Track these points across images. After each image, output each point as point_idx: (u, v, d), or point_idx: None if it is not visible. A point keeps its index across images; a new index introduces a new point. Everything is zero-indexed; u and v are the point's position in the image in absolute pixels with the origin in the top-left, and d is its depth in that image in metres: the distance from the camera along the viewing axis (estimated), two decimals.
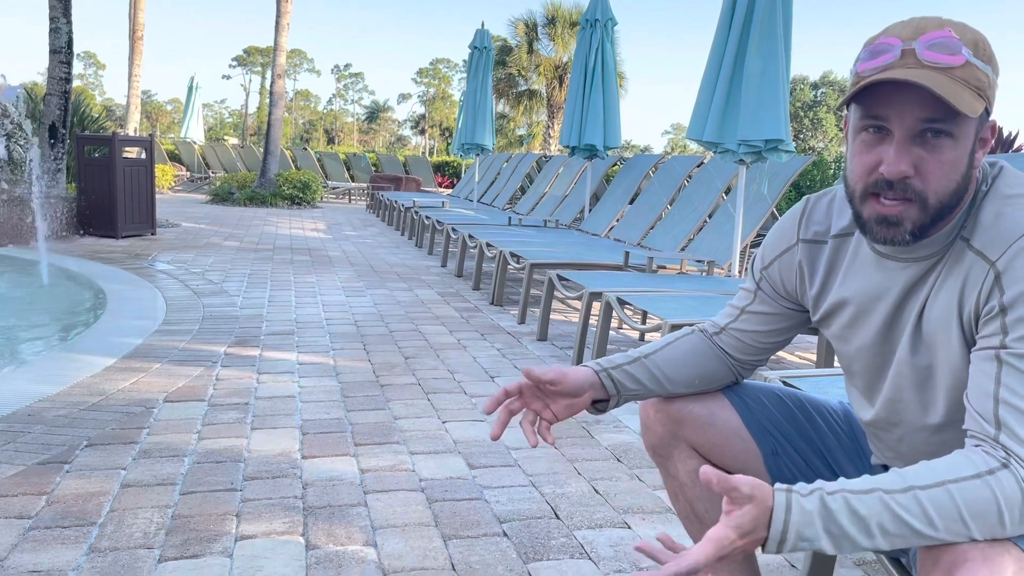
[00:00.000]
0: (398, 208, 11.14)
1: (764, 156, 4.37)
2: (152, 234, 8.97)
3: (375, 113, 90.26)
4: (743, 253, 5.62)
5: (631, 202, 7.28)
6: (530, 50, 29.34)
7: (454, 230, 7.07)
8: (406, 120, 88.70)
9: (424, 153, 64.08)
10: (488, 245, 5.83)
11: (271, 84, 15.82)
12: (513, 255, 5.32)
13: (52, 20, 8.98)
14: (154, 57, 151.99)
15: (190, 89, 22.71)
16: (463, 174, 16.19)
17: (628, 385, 1.36)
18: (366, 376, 3.56)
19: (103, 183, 8.43)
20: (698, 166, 6.57)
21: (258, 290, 5.62)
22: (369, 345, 4.14)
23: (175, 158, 22.90)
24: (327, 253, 8.07)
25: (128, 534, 1.98)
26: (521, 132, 38.24)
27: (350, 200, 18.58)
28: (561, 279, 4.41)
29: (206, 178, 20.97)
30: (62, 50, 9.02)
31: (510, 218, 8.11)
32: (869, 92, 1.04)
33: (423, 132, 78.10)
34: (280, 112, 15.81)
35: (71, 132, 9.58)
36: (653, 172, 7.48)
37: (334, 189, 18.81)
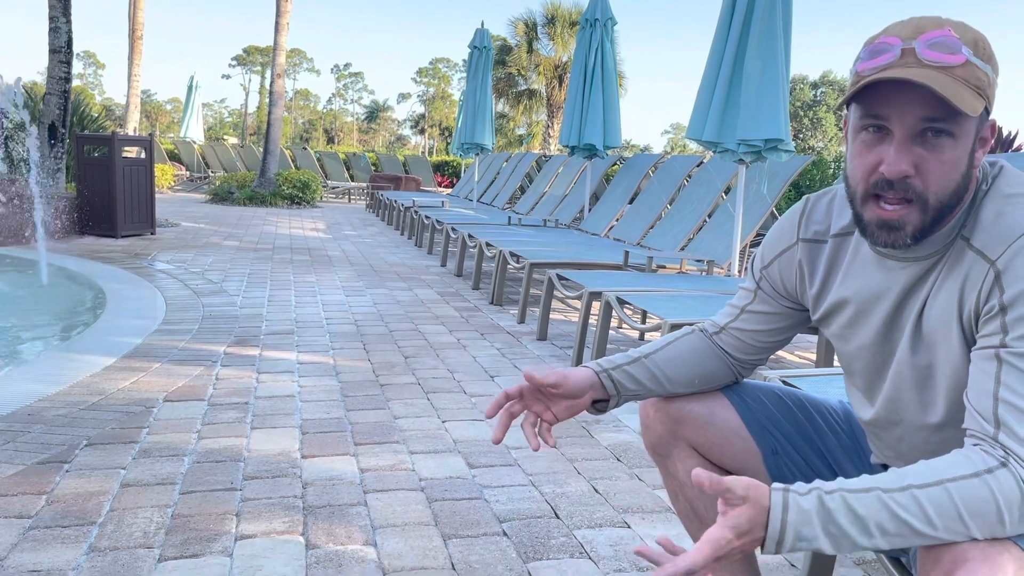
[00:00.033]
0: (398, 208, 11.13)
1: (764, 156, 4.37)
2: (152, 234, 8.97)
3: (375, 113, 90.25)
4: (743, 253, 5.62)
5: (631, 202, 7.28)
6: (530, 50, 29.35)
7: (454, 230, 7.07)
8: (406, 120, 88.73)
9: (424, 153, 64.13)
10: (488, 245, 5.83)
11: (271, 83, 15.81)
12: (513, 255, 5.32)
13: (52, 20, 8.98)
14: (154, 57, 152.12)
15: (190, 88, 22.71)
16: (463, 174, 16.18)
17: (628, 385, 1.37)
18: (366, 375, 3.56)
19: (102, 183, 8.43)
20: (698, 166, 6.57)
21: (258, 290, 5.62)
22: (369, 345, 4.14)
23: (175, 158, 22.90)
24: (327, 253, 8.07)
25: (128, 533, 1.98)
26: (521, 132, 38.25)
27: (350, 200, 18.58)
28: (561, 279, 4.41)
29: (205, 178, 20.97)
30: (62, 50, 9.02)
31: (510, 218, 8.11)
32: (869, 91, 1.04)
33: (423, 132, 78.09)
34: (280, 112, 15.81)
35: (70, 132, 9.57)
36: (653, 172, 7.48)
37: (334, 189, 18.81)
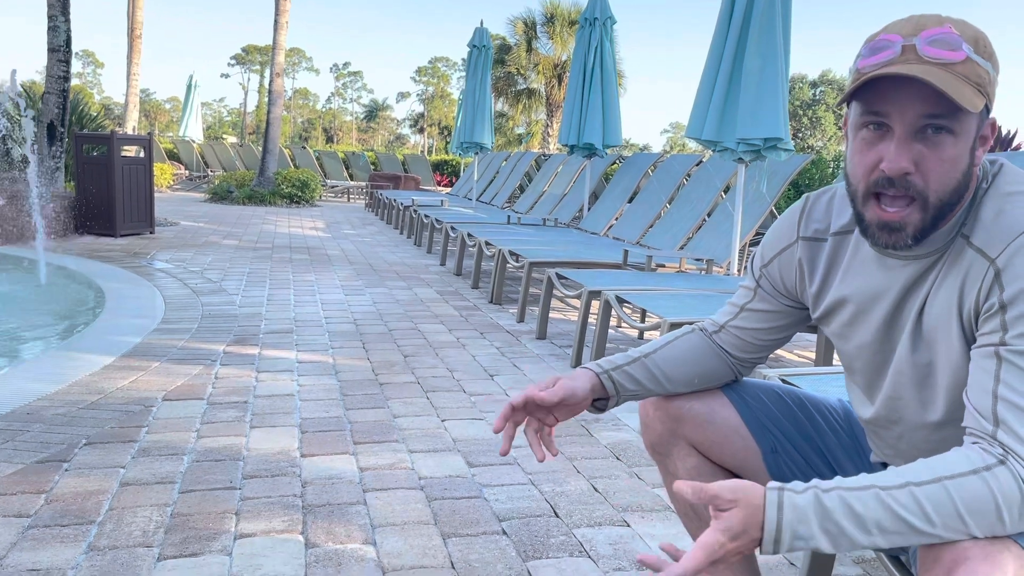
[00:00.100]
0: (397, 207, 11.13)
1: (763, 155, 4.36)
2: (151, 233, 8.97)
3: (374, 112, 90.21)
4: (742, 252, 5.62)
5: (630, 201, 7.28)
6: (529, 49, 29.32)
7: (453, 229, 7.07)
8: (405, 119, 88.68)
9: (423, 152, 64.09)
10: (487, 244, 5.83)
11: (270, 83, 15.81)
12: (512, 253, 5.32)
13: (50, 19, 8.97)
14: (153, 56, 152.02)
15: (189, 88, 22.69)
16: (462, 173, 16.17)
17: (627, 386, 1.37)
18: (365, 374, 3.55)
19: (101, 182, 8.43)
20: (697, 165, 6.57)
21: (257, 289, 5.62)
22: (368, 343, 4.14)
23: (174, 157, 22.89)
24: (326, 252, 8.06)
25: (127, 532, 1.98)
26: (520, 131, 38.23)
27: (349, 199, 18.57)
28: (560, 277, 4.41)
29: (205, 177, 20.96)
30: (60, 49, 9.01)
31: (509, 216, 8.11)
32: (870, 88, 1.04)
33: (422, 131, 78.08)
34: (279, 111, 15.81)
35: (69, 131, 9.57)
36: (652, 171, 7.48)
37: (333, 188, 18.81)
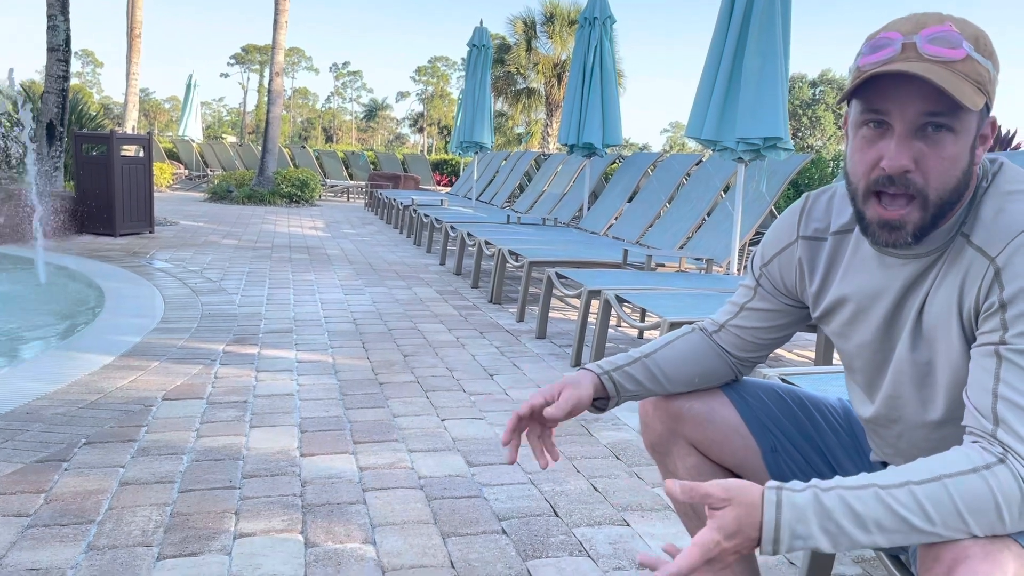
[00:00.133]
0: (396, 206, 11.13)
1: (763, 154, 4.36)
2: (150, 232, 8.96)
3: (373, 111, 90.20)
4: (742, 251, 5.62)
5: (630, 200, 7.28)
6: (528, 48, 29.33)
7: (453, 228, 7.07)
8: (404, 118, 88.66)
9: (422, 151, 64.07)
10: (487, 243, 5.83)
11: (269, 82, 15.80)
12: (512, 253, 5.32)
13: (50, 18, 8.97)
14: (152, 55, 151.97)
15: (188, 87, 22.68)
16: (462, 172, 16.17)
17: (628, 386, 1.37)
18: (365, 374, 3.55)
19: (101, 181, 8.42)
20: (697, 164, 6.57)
21: (256, 288, 5.62)
22: (368, 343, 4.14)
23: (173, 156, 22.88)
24: (325, 251, 8.06)
25: (127, 532, 1.98)
26: (520, 130, 38.21)
27: (348, 198, 18.57)
28: (560, 277, 4.41)
29: (204, 176, 20.95)
30: (60, 48, 9.01)
31: (509, 216, 8.11)
32: (870, 86, 1.04)
33: (421, 130, 78.08)
34: (278, 110, 15.80)
35: (69, 130, 9.57)
36: (652, 170, 7.47)
37: (332, 187, 18.80)
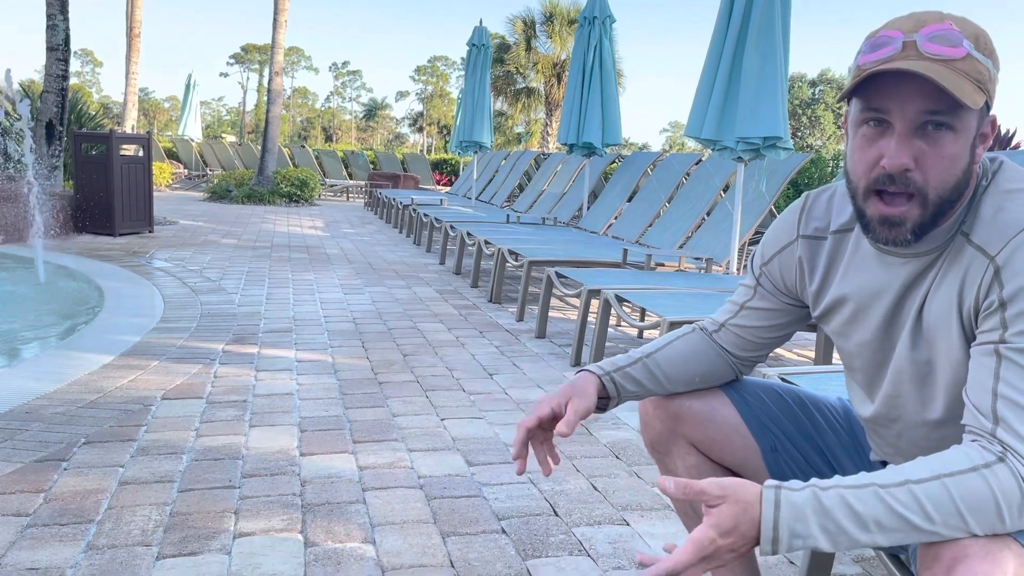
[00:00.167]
0: (396, 206, 11.12)
1: (762, 153, 4.36)
2: (150, 232, 8.96)
3: (373, 111, 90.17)
4: (741, 250, 5.62)
5: (629, 200, 7.27)
6: (528, 48, 29.32)
7: (452, 228, 7.07)
8: (404, 118, 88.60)
9: (422, 151, 64.07)
10: (486, 243, 5.83)
11: (269, 81, 15.80)
12: (511, 252, 5.32)
13: (49, 17, 8.97)
14: (152, 55, 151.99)
15: (188, 87, 22.67)
16: (461, 172, 16.17)
17: (628, 387, 1.37)
18: (364, 373, 3.55)
19: (100, 181, 8.42)
20: (696, 163, 6.56)
21: (256, 288, 5.62)
22: (367, 342, 4.14)
23: (173, 156, 22.87)
24: (325, 251, 8.06)
25: (126, 532, 1.98)
26: (519, 130, 38.20)
27: (348, 198, 18.57)
28: (559, 276, 4.41)
29: (204, 176, 20.94)
30: (59, 47, 9.00)
31: (508, 215, 8.10)
32: (870, 84, 1.04)
33: (421, 130, 78.04)
34: (278, 110, 15.80)
35: (68, 130, 9.57)
36: (651, 170, 7.47)
37: (332, 187, 18.80)
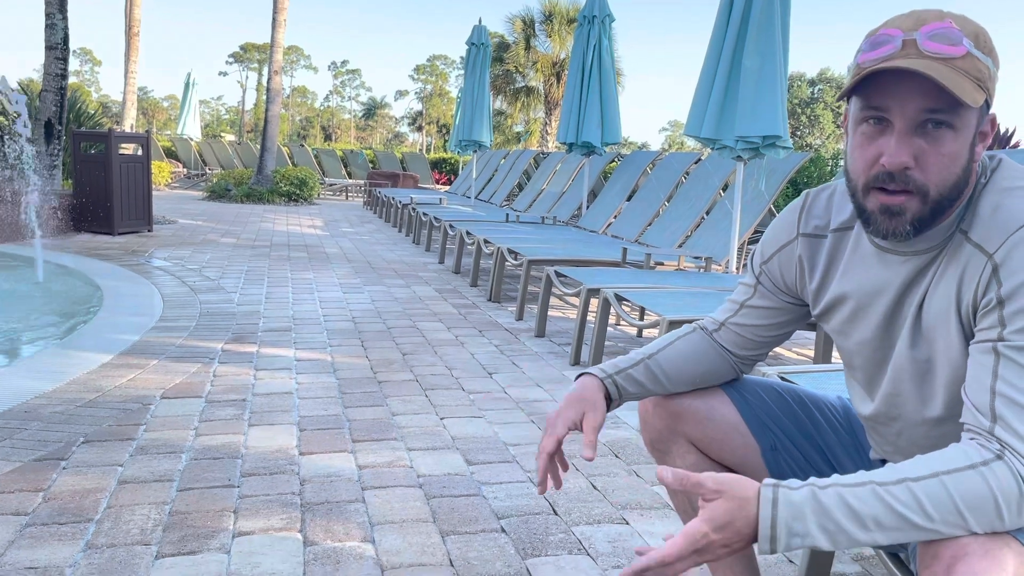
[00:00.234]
0: (395, 205, 11.12)
1: (762, 152, 4.36)
2: (148, 231, 8.95)
3: (372, 110, 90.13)
4: (740, 249, 5.62)
5: (629, 199, 7.27)
6: (527, 47, 29.29)
7: (451, 227, 7.07)
8: (403, 117, 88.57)
9: (421, 150, 64.01)
10: (486, 242, 5.83)
11: (268, 81, 15.79)
12: (511, 251, 5.31)
13: (48, 16, 8.96)
14: (151, 54, 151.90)
15: (187, 86, 22.64)
16: (460, 171, 16.16)
17: (630, 389, 1.38)
18: (364, 372, 3.55)
19: (99, 180, 8.41)
20: (696, 163, 6.56)
21: (255, 287, 5.62)
22: (367, 341, 4.14)
23: (172, 155, 22.86)
24: (324, 250, 8.06)
25: (125, 531, 1.98)
26: (518, 129, 38.20)
27: (347, 197, 18.56)
28: (559, 275, 4.41)
29: (203, 175, 20.94)
30: (58, 46, 9.00)
31: (507, 215, 8.10)
32: (870, 82, 1.03)
33: (420, 129, 78.02)
34: (277, 109, 15.79)
35: (67, 128, 9.56)
36: (651, 169, 7.47)
37: (331, 186, 18.79)
